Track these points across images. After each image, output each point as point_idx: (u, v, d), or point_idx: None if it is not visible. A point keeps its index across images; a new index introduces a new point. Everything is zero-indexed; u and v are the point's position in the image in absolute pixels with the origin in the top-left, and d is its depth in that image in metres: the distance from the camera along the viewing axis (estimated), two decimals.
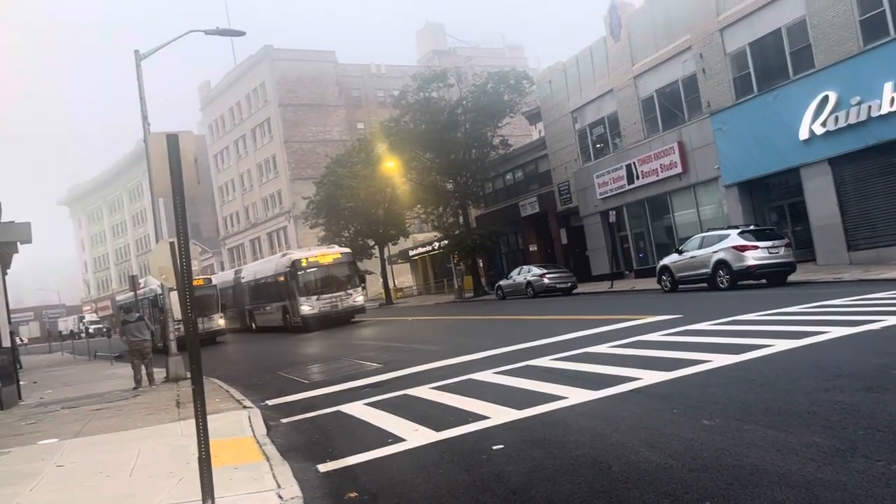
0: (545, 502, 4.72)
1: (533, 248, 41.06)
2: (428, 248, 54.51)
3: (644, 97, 30.71)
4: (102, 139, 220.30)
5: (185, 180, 5.43)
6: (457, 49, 76.25)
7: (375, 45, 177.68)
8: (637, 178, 30.81)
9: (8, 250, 17.82)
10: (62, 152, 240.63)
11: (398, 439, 6.96)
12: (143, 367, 15.54)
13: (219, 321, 31.04)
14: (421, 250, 56.63)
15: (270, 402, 10.85)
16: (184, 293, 5.38)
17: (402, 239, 50.49)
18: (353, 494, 5.49)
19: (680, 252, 22.28)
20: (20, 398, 15.28)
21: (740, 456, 5.02)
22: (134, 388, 15.06)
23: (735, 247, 19.80)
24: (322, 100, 68.65)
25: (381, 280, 50.44)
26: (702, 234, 22.35)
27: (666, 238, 30.07)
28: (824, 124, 21.84)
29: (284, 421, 9.13)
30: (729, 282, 19.95)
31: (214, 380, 14.40)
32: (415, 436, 7.00)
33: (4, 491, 6.61)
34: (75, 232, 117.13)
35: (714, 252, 20.49)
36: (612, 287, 28.39)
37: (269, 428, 8.67)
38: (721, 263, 20.18)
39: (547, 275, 30.68)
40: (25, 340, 68.83)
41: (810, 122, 22.29)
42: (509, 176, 43.43)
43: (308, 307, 28.99)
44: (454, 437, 6.72)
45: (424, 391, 9.46)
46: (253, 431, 8.28)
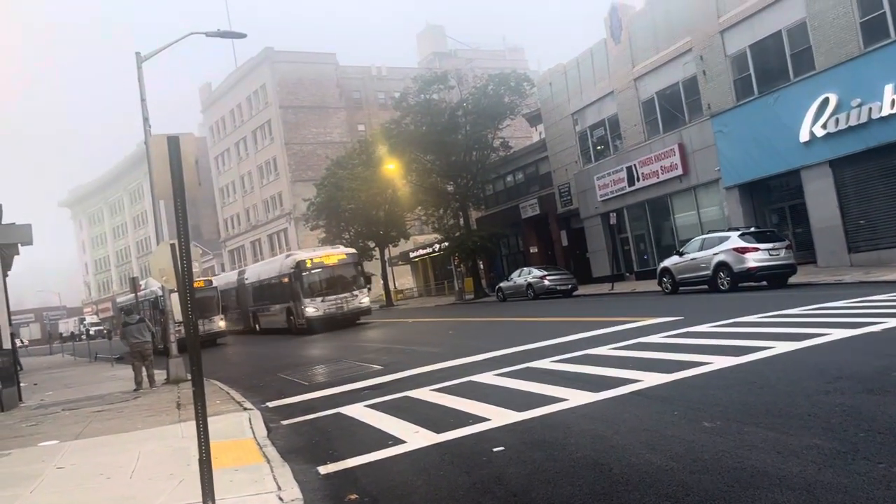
0: None
1: (533, 250, 41.03)
2: (428, 250, 54.46)
3: (644, 99, 30.71)
4: (103, 140, 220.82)
5: (186, 182, 5.44)
6: (457, 51, 76.28)
7: (376, 47, 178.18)
8: (638, 180, 30.80)
9: (9, 252, 17.87)
10: (62, 152, 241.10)
11: (399, 441, 6.96)
12: (144, 369, 15.55)
13: (219, 323, 30.97)
14: (421, 252, 56.59)
15: (271, 404, 10.86)
16: (184, 295, 5.39)
17: (403, 241, 50.43)
18: (354, 496, 5.49)
19: (680, 254, 22.28)
20: (21, 400, 15.28)
21: (741, 458, 5.02)
22: (134, 390, 15.07)
23: (736, 249, 19.82)
24: (323, 102, 68.68)
25: (382, 282, 50.43)
26: (702, 236, 22.35)
27: (666, 240, 30.07)
28: (825, 126, 21.83)
29: (285, 423, 9.14)
30: (729, 284, 19.95)
31: (215, 382, 14.41)
32: (415, 438, 7.00)
33: (5, 493, 6.61)
34: (76, 234, 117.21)
35: (715, 254, 20.50)
36: (613, 289, 28.36)
37: (270, 430, 8.67)
38: (722, 265, 20.19)
39: (547, 277, 30.67)
40: (26, 342, 68.80)
41: (811, 124, 22.28)
42: (510, 178, 43.40)
43: (312, 309, 28.48)
44: (454, 439, 6.72)
45: (425, 393, 9.46)
46: (253, 433, 8.28)
